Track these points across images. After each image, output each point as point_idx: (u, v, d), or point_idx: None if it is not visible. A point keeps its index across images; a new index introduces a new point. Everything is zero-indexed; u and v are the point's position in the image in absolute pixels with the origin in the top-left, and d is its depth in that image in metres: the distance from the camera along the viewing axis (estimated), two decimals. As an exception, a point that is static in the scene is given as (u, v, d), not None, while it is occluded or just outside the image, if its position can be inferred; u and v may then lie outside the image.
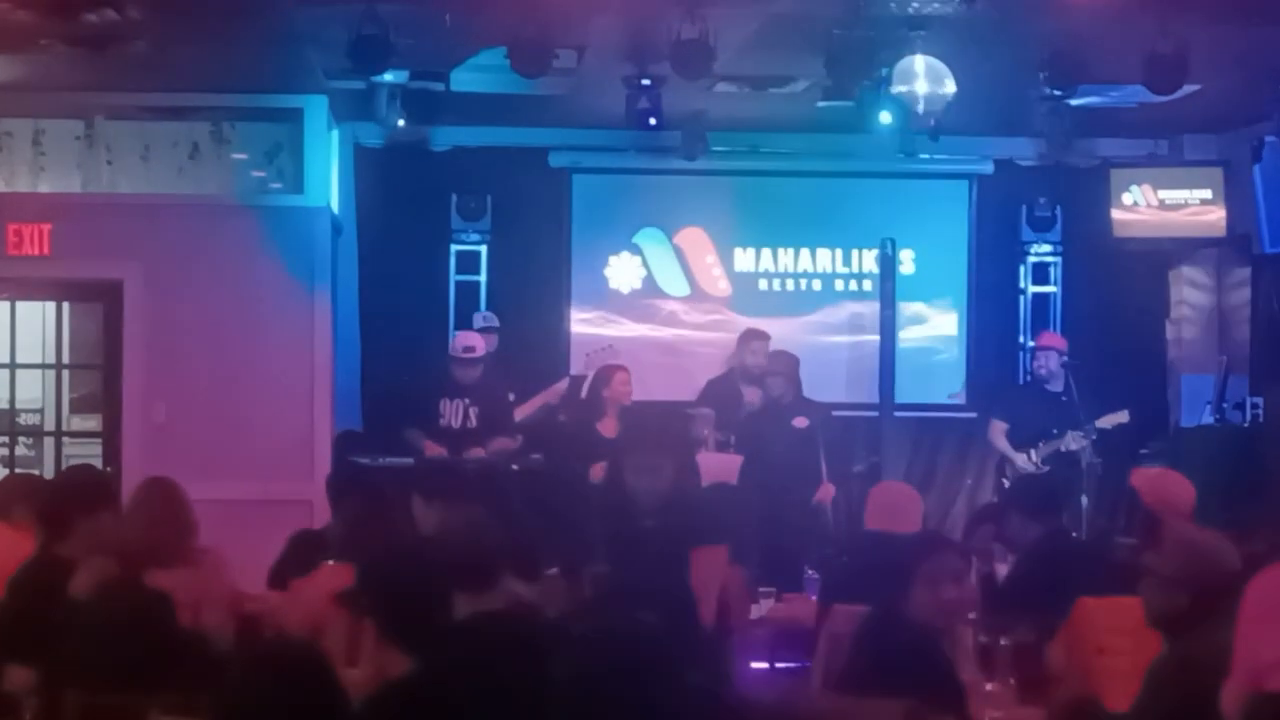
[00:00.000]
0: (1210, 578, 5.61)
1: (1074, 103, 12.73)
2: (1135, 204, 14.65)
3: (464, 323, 14.11)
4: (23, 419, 14.18)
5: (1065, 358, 13.65)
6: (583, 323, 14.88)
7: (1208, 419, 14.28)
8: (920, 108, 11.05)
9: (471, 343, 13.13)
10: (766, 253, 15.11)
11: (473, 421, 12.95)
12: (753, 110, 13.58)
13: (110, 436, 13.35)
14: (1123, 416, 13.30)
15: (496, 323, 13.90)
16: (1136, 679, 5.71)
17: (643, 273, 15.04)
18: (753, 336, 13.91)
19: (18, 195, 13.43)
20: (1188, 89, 11.26)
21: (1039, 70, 11.24)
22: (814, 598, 9.34)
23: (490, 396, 13.03)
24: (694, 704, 4.42)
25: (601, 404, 12.94)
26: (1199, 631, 5.43)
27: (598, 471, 12.40)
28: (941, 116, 11.57)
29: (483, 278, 14.81)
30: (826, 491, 13.10)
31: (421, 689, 4.92)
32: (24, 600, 6.95)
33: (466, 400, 12.96)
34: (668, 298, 15.05)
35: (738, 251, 15.10)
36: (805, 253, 15.13)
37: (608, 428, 12.85)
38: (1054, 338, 13.98)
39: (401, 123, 13.08)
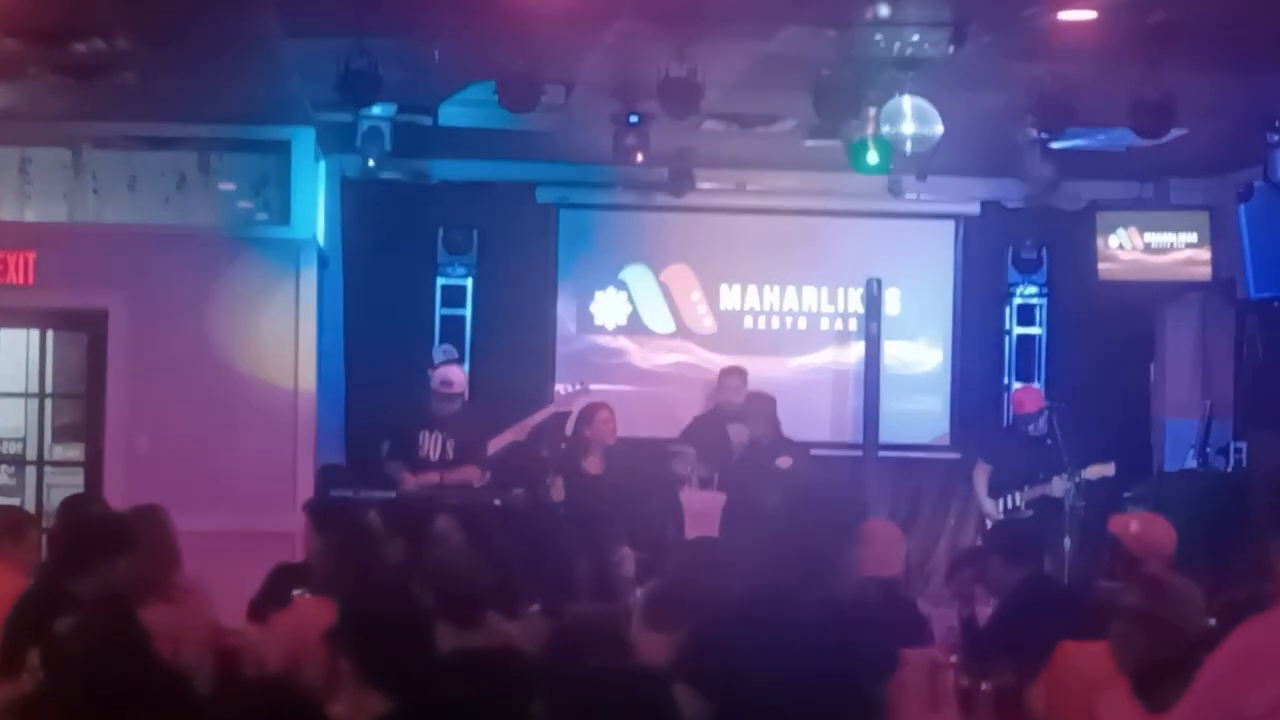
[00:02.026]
0: (1187, 624, 5.57)
1: (1061, 145, 12.74)
2: (1121, 247, 14.68)
3: (449, 357, 14.15)
4: (5, 448, 14.15)
5: (1048, 403, 13.69)
6: (567, 359, 14.88)
7: (1191, 464, 14.30)
8: (908, 148, 11.06)
9: (451, 378, 13.13)
10: (752, 290, 15.13)
11: (450, 454, 12.94)
12: (740, 148, 13.61)
13: (93, 466, 13.30)
14: (1109, 469, 13.30)
15: (456, 355, 13.98)
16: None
17: (628, 309, 15.05)
18: (729, 374, 13.95)
19: (3, 224, 13.40)
20: (1175, 133, 11.28)
21: (1026, 112, 11.26)
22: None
23: (467, 430, 13.02)
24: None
25: (585, 442, 12.97)
26: (1171, 687, 5.38)
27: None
28: (929, 157, 11.61)
29: (468, 311, 14.81)
30: (785, 461, 13.11)
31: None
32: (20, 627, 6.92)
33: (443, 433, 12.95)
34: (653, 334, 15.05)
35: (723, 289, 15.12)
36: (791, 291, 15.14)
37: (593, 465, 12.91)
38: (1035, 397, 13.95)
39: (389, 154, 13.07)
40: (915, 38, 10.10)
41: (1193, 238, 14.61)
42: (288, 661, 6.83)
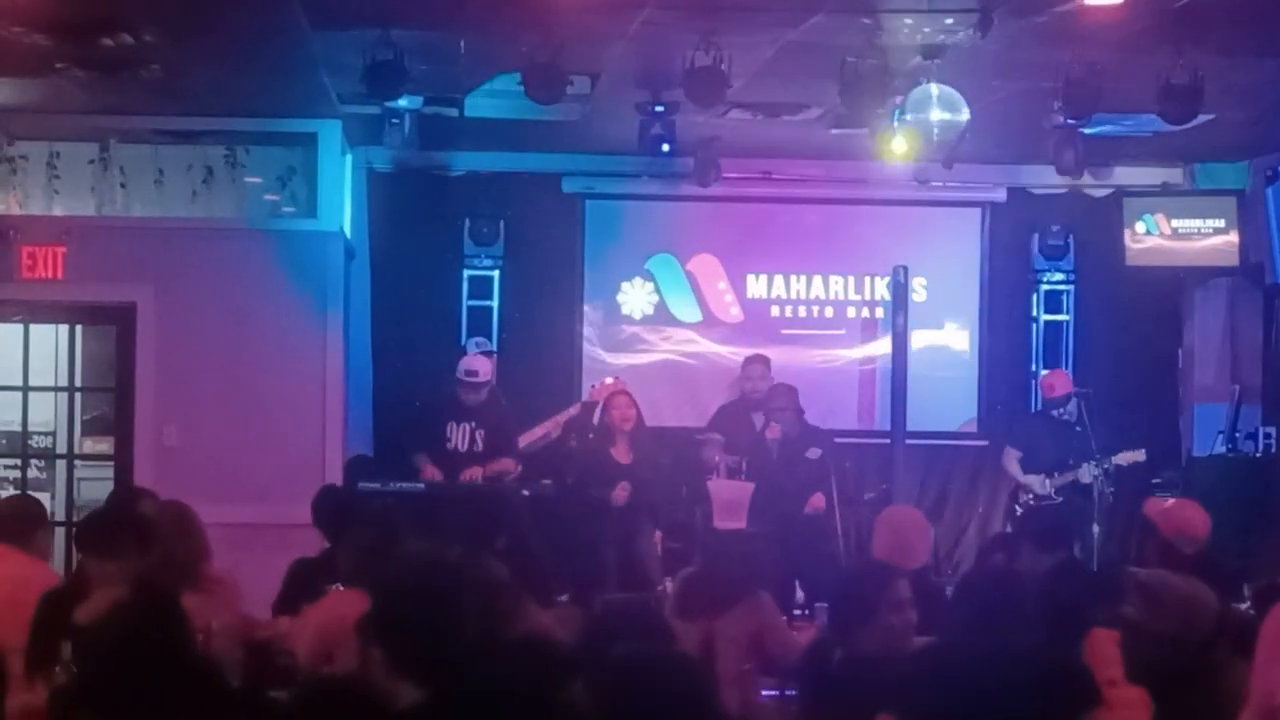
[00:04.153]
0: (1194, 631, 5.54)
1: (1088, 131, 12.72)
2: (1148, 232, 14.63)
3: (476, 348, 14.18)
4: (35, 441, 14.16)
5: (1075, 388, 13.69)
6: (594, 348, 14.88)
7: (1220, 449, 14.26)
8: (934, 136, 11.05)
9: (475, 366, 13.14)
10: (779, 279, 15.11)
11: (479, 445, 12.95)
12: (766, 137, 13.60)
13: (122, 459, 13.33)
14: (1139, 455, 13.30)
15: (491, 347, 14.00)
16: (1148, 711, 5.68)
17: (655, 299, 15.04)
18: (749, 362, 13.95)
19: (32, 218, 13.45)
20: (1202, 118, 11.25)
21: (1053, 98, 11.24)
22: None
23: (496, 420, 13.04)
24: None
25: (609, 429, 13.00)
26: (1191, 685, 5.36)
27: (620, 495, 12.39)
28: (955, 145, 11.58)
29: (495, 303, 14.81)
30: (818, 501, 13.10)
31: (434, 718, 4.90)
32: (50, 621, 6.96)
33: (472, 423, 12.97)
34: (680, 324, 15.04)
35: (750, 278, 15.10)
36: (818, 280, 15.12)
37: (621, 453, 12.92)
38: (1064, 381, 13.95)
39: (415, 146, 13.08)
40: (942, 25, 10.09)
41: (1220, 222, 14.55)
42: (319, 653, 6.86)
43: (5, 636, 6.79)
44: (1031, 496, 13.47)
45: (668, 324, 15.06)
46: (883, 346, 14.81)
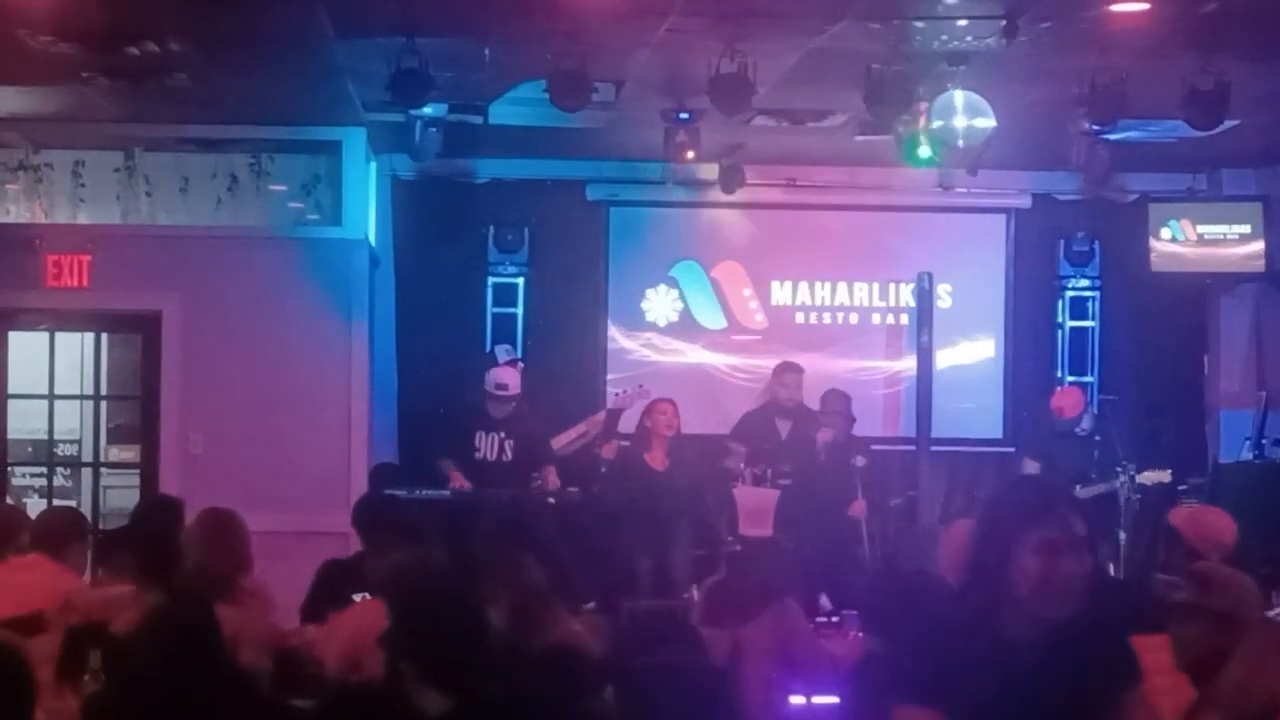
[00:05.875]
0: (1243, 609, 5.54)
1: (1113, 137, 12.70)
2: (1174, 238, 14.59)
3: (501, 355, 14.19)
4: (61, 449, 14.20)
5: (1098, 398, 13.67)
6: (619, 355, 14.87)
7: (1247, 455, 14.20)
8: (959, 142, 11.03)
9: (505, 380, 13.14)
10: (803, 286, 15.09)
11: (508, 455, 12.95)
12: (790, 144, 13.58)
13: (148, 467, 13.36)
14: (1165, 476, 13.24)
15: (517, 355, 14.07)
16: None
17: (680, 305, 15.03)
18: (784, 369, 13.91)
19: (57, 226, 13.48)
20: (1228, 124, 11.22)
21: (1078, 105, 11.21)
22: (853, 633, 9.30)
23: (526, 431, 13.03)
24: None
25: (647, 436, 13.01)
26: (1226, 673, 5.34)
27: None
28: (980, 151, 11.56)
29: (520, 310, 14.81)
30: (859, 507, 13.13)
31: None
32: (81, 630, 6.97)
33: (502, 434, 12.96)
34: (705, 331, 15.03)
35: (774, 285, 15.09)
36: (842, 286, 15.10)
37: (656, 459, 12.92)
38: (1074, 400, 13.92)
39: (440, 154, 13.09)
40: (967, 31, 10.08)
41: (1246, 229, 14.52)
42: (347, 662, 6.86)
43: (34, 645, 6.80)
44: None
45: (692, 331, 15.04)
46: (907, 353, 14.81)
